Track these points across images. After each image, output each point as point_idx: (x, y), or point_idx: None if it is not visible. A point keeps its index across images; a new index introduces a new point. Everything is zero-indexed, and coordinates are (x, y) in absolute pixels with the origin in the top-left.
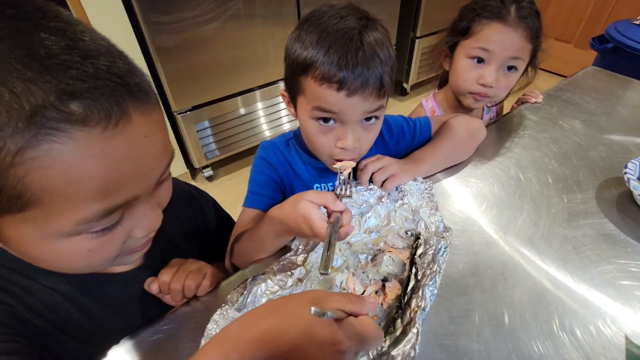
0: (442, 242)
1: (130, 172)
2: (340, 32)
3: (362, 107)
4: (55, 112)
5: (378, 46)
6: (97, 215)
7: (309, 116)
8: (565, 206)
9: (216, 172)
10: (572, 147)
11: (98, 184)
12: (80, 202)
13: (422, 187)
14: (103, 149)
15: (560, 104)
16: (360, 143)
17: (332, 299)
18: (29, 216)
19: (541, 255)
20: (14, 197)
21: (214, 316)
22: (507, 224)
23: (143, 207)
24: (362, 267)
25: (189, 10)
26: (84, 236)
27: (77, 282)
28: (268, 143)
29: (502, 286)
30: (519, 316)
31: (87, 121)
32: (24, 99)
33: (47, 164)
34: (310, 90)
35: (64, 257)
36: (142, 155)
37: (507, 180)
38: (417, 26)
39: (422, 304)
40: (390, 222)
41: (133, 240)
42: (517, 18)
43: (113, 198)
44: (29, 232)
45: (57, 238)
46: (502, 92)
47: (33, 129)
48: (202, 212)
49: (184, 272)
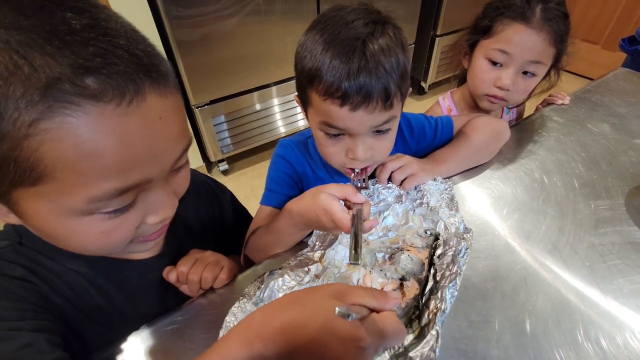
0: (462, 243)
1: (143, 152)
2: (344, 43)
3: (368, 122)
4: (70, 86)
5: (383, 54)
6: (109, 194)
7: (318, 128)
8: (592, 212)
9: (231, 167)
10: (600, 151)
11: (110, 161)
12: (92, 179)
13: (442, 187)
14: (116, 125)
15: (589, 107)
16: (372, 152)
17: (355, 293)
18: (42, 191)
19: (566, 262)
20: (27, 170)
21: (232, 309)
22: (530, 229)
23: (158, 193)
24: (380, 265)
25: (210, 5)
26: (97, 216)
27: (98, 266)
28: (286, 141)
29: (524, 292)
30: (542, 324)
31: (101, 96)
32: (41, 71)
33: (60, 136)
34: (316, 105)
35: (77, 236)
36: (156, 136)
37: (530, 184)
38: (438, 24)
39: (442, 305)
40: (408, 222)
41: (147, 226)
42: (542, 20)
43: (125, 178)
44: (42, 207)
45: (71, 216)
46: (520, 96)
47: (47, 101)
48: (220, 203)
49: (202, 264)
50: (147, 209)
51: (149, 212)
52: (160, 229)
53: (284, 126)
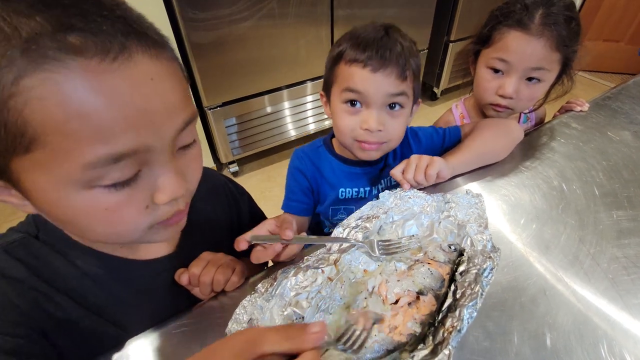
0: (488, 262)
1: (135, 114)
2: (368, 30)
3: (385, 87)
4: (51, 42)
5: (401, 37)
6: (103, 159)
7: (340, 100)
8: (615, 222)
9: (241, 168)
10: (622, 160)
11: (99, 121)
12: (83, 143)
13: (472, 201)
14: (101, 82)
15: (608, 114)
16: (384, 127)
17: (267, 340)
18: (36, 159)
19: (587, 274)
20: (18, 134)
21: (243, 302)
22: (549, 239)
23: (163, 169)
24: (398, 276)
25: (225, 8)
26: (98, 191)
27: (109, 265)
28: (300, 152)
29: (543, 304)
30: (563, 338)
31: (83, 52)
32: (22, 30)
33: (44, 94)
34: (341, 74)
35: (82, 216)
36: (148, 98)
37: (549, 192)
38: (452, 30)
39: (459, 325)
40: (432, 234)
41: (159, 208)
42: (542, 26)
43: (119, 142)
44: (41, 180)
45: (71, 190)
46: (525, 104)
47: (28, 58)
48: (237, 206)
49: (213, 266)
50: (152, 187)
51: (155, 190)
52: (178, 212)
53: (294, 129)
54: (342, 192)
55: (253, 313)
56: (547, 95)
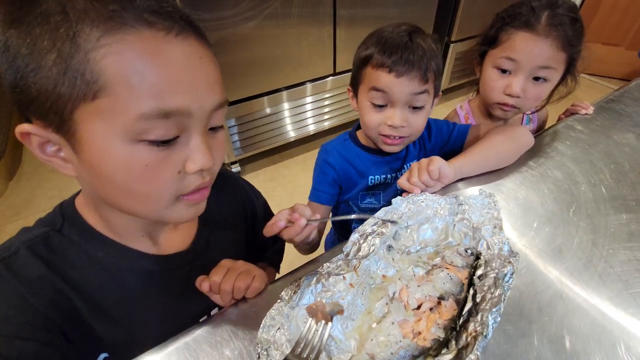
0: (508, 267)
1: (184, 80)
2: (393, 34)
3: (409, 88)
4: (130, 14)
5: (424, 42)
6: (156, 112)
7: (366, 98)
8: (625, 225)
9: (243, 169)
10: (628, 162)
11: (157, 79)
12: (142, 95)
13: (486, 202)
14: (163, 49)
15: (612, 117)
16: (407, 123)
17: None
18: (99, 106)
19: (602, 277)
20: (91, 81)
21: (271, 311)
22: (562, 242)
23: (197, 139)
24: (417, 281)
25: (229, 9)
26: (142, 146)
27: (127, 257)
28: (328, 146)
29: (561, 307)
30: (581, 340)
31: (153, 25)
32: (107, 6)
33: (119, 49)
34: (368, 76)
35: (123, 170)
36: (196, 71)
37: (559, 195)
38: (453, 30)
39: (485, 331)
40: (447, 237)
41: (187, 178)
42: (548, 26)
43: (169, 99)
44: (98, 128)
45: (121, 140)
46: (532, 103)
47: (112, 22)
48: (253, 208)
49: (233, 273)
50: (186, 154)
51: (188, 157)
52: (202, 189)
53: (296, 130)
54: (372, 179)
55: (280, 322)
56: (550, 96)
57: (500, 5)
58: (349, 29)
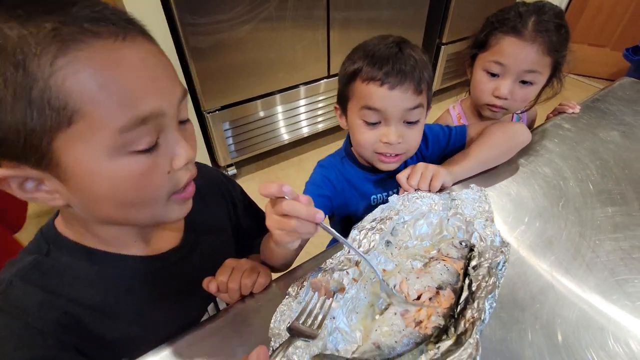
0: (500, 256)
1: (148, 81)
2: (381, 45)
3: (402, 102)
4: (71, 28)
5: (415, 52)
6: (133, 121)
7: (358, 116)
8: (610, 217)
9: (239, 171)
10: (613, 159)
11: (123, 89)
12: (114, 108)
13: (477, 196)
14: (118, 56)
15: (598, 115)
16: (403, 139)
17: None
18: (77, 130)
19: (589, 266)
20: (61, 108)
21: (280, 306)
22: (552, 234)
23: (174, 135)
24: (416, 273)
25: (224, 13)
26: (132, 157)
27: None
28: (326, 162)
29: (552, 296)
30: (571, 325)
31: (99, 34)
32: (46, 26)
33: (77, 68)
34: (358, 92)
35: (119, 183)
36: (155, 69)
37: (549, 190)
38: (444, 32)
39: (483, 315)
40: (442, 231)
41: (176, 174)
42: (534, 32)
43: (141, 105)
44: (81, 151)
45: (109, 157)
46: (519, 104)
47: (57, 42)
48: (232, 199)
49: (239, 271)
50: (170, 152)
51: (173, 155)
52: (188, 185)
53: (292, 132)
54: (374, 199)
55: (290, 316)
56: (537, 97)
57: (489, 7)
58: (343, 31)
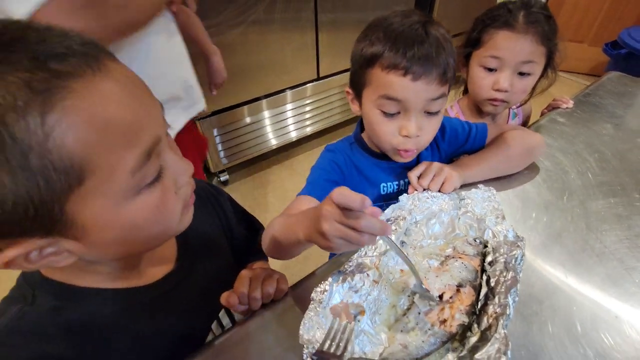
0: (517, 250)
1: (138, 110)
2: (405, 27)
3: (426, 94)
4: (41, 75)
5: (442, 38)
6: (141, 158)
7: (375, 106)
8: (613, 207)
9: (231, 177)
10: (609, 151)
11: (122, 127)
12: (121, 152)
13: (486, 195)
14: (102, 93)
15: (591, 109)
16: (422, 132)
17: None
18: (90, 187)
19: (598, 256)
20: (68, 168)
21: (308, 312)
22: (561, 227)
23: (171, 155)
24: (435, 272)
25: (213, 18)
26: (145, 193)
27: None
28: (334, 147)
29: (566, 286)
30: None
31: (74, 73)
32: (11, 80)
33: (71, 121)
34: (377, 80)
35: (141, 222)
36: (138, 95)
37: (552, 184)
38: None
39: (507, 310)
40: (455, 230)
41: (182, 190)
42: (526, 24)
43: (142, 139)
44: (99, 206)
45: (126, 201)
46: (519, 96)
47: (35, 96)
48: (222, 208)
49: (258, 281)
50: (173, 172)
51: (176, 174)
52: (192, 191)
53: (282, 136)
54: (384, 187)
55: (318, 322)
56: (533, 90)
57: (473, 6)
58: (331, 33)
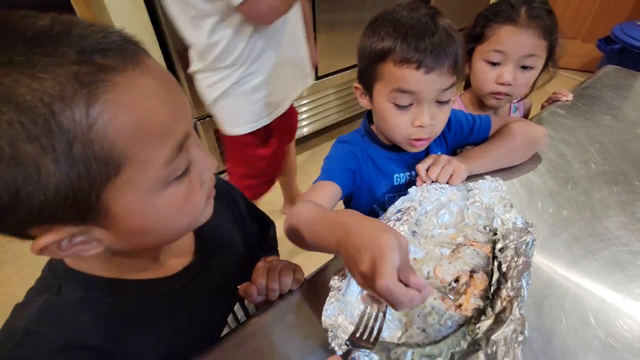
0: (528, 236)
1: (174, 105)
2: (414, 20)
3: (438, 84)
4: (87, 68)
5: (450, 28)
6: (173, 151)
7: (387, 99)
8: (616, 195)
9: None
10: (609, 141)
11: (159, 120)
12: (157, 144)
13: (493, 185)
14: (141, 87)
15: (589, 101)
16: (435, 121)
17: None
18: (126, 177)
19: (604, 241)
20: (108, 158)
21: (329, 298)
22: (567, 216)
23: (196, 150)
24: (447, 259)
25: None
26: (173, 185)
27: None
28: (349, 138)
29: (575, 271)
30: (597, 295)
31: (117, 68)
32: (59, 72)
33: (113, 113)
34: (389, 75)
35: (167, 212)
36: (172, 90)
37: (556, 174)
38: None
39: (522, 292)
40: (464, 219)
41: (206, 184)
42: (528, 18)
43: (175, 133)
44: (131, 197)
45: (156, 192)
46: (522, 89)
47: (81, 89)
48: (236, 204)
49: (275, 272)
50: (199, 167)
51: (201, 169)
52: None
53: None
54: (397, 178)
55: (339, 308)
56: (534, 84)
57: (468, 4)
58: (329, 33)
